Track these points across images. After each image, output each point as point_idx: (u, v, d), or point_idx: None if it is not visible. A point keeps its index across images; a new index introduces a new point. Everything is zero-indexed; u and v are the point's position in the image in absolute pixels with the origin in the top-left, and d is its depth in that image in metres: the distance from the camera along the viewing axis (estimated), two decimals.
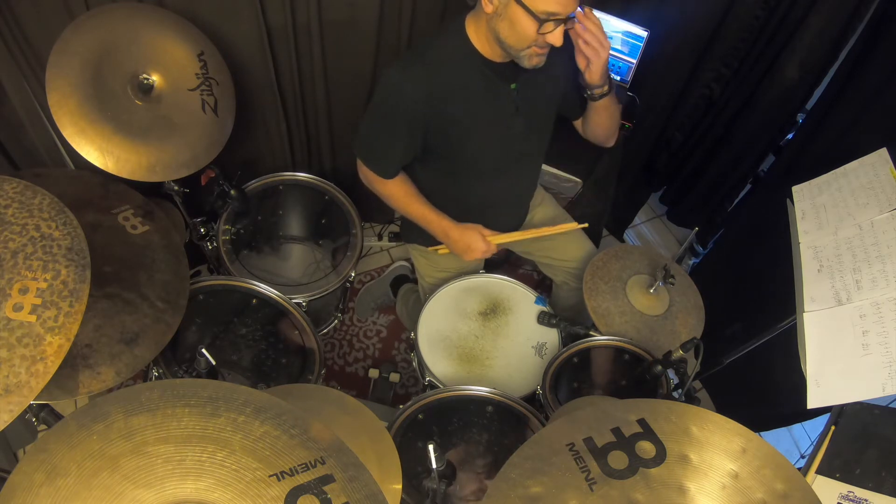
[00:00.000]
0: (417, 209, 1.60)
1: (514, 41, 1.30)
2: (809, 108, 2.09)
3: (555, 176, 2.03)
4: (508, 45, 1.32)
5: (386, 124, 1.46)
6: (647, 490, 0.84)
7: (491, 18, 1.30)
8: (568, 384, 1.56)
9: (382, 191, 1.59)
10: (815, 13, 1.84)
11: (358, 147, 1.54)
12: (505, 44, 1.32)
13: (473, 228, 1.62)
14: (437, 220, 1.60)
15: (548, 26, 1.25)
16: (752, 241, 2.15)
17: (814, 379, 1.30)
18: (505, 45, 1.32)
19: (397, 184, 1.57)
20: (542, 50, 1.31)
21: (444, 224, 1.60)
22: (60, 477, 0.73)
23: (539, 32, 1.25)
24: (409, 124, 1.42)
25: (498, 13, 1.28)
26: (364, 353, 2.29)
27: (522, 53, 1.31)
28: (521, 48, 1.31)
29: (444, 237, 1.63)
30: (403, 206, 1.61)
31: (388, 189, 1.58)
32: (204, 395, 0.83)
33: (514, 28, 1.27)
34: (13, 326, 0.91)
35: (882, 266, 1.32)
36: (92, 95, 1.41)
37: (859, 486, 1.22)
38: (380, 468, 1.22)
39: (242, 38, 1.71)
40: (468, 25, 1.38)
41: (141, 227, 1.37)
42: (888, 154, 1.50)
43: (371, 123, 1.49)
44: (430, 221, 1.61)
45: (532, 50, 1.30)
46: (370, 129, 1.50)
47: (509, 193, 1.69)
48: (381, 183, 1.56)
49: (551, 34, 1.26)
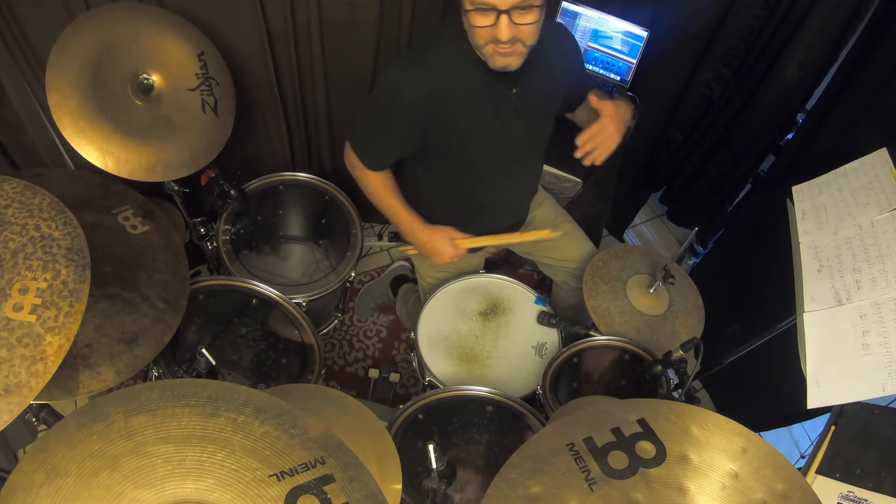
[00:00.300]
0: (391, 203, 1.59)
1: (471, 38, 1.30)
2: (809, 108, 2.09)
3: (555, 176, 2.03)
4: (474, 46, 1.32)
5: (381, 121, 1.46)
6: (647, 490, 0.84)
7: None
8: (568, 384, 1.56)
9: (362, 177, 1.57)
10: (815, 13, 1.84)
11: (350, 133, 1.54)
12: (473, 45, 1.32)
13: (443, 232, 1.60)
14: (407, 220, 1.59)
15: (482, 18, 1.22)
16: (752, 241, 2.15)
17: (814, 379, 1.30)
18: (474, 47, 1.33)
19: (379, 175, 1.56)
20: (503, 49, 1.27)
21: (414, 225, 1.59)
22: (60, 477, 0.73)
23: (472, 24, 1.24)
24: (405, 124, 1.42)
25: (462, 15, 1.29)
26: (364, 353, 2.29)
27: (484, 51, 1.30)
28: (478, 45, 1.29)
29: (413, 238, 1.62)
30: (378, 198, 1.59)
31: (369, 178, 1.56)
32: (204, 395, 0.83)
33: (465, 24, 1.28)
34: (13, 326, 0.91)
35: (882, 266, 1.32)
36: (92, 95, 1.41)
37: (859, 486, 1.22)
38: (380, 468, 1.22)
39: (242, 38, 1.71)
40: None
41: (141, 227, 1.37)
42: (888, 154, 1.50)
43: (367, 117, 1.49)
44: (402, 219, 1.60)
45: (490, 48, 1.28)
46: (365, 121, 1.50)
47: (509, 194, 1.68)
48: (362, 170, 1.55)
49: (496, 27, 1.21)
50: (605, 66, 2.08)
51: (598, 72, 2.09)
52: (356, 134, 1.53)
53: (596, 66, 2.09)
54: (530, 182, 1.74)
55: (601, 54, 2.07)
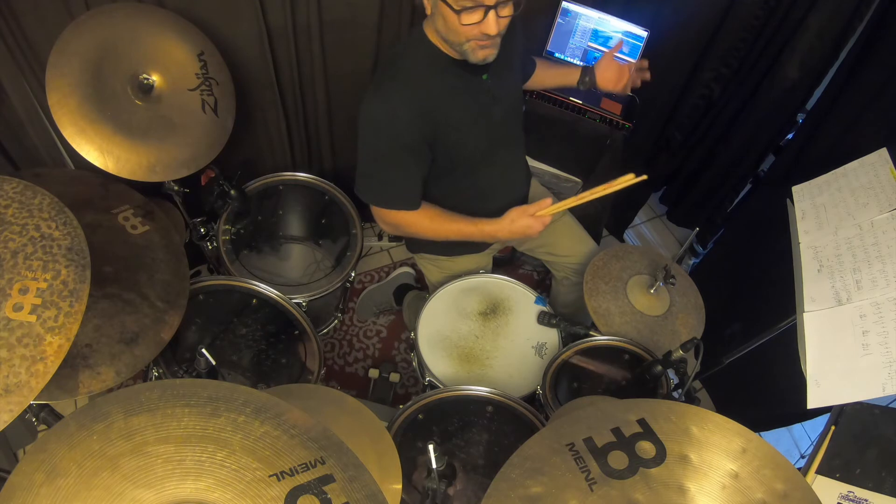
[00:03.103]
0: (453, 228, 1.55)
1: (451, 37, 1.31)
2: (809, 108, 2.09)
3: (555, 176, 2.03)
4: (451, 43, 1.34)
5: (391, 158, 1.42)
6: (647, 490, 0.84)
7: (432, 19, 1.33)
8: (568, 384, 1.56)
9: (412, 224, 1.52)
10: (815, 13, 1.84)
11: (369, 194, 1.48)
12: (448, 41, 1.33)
13: (517, 214, 1.52)
14: (478, 231, 1.55)
15: (471, 16, 1.23)
16: (752, 241, 2.15)
17: (814, 379, 1.30)
18: (449, 43, 1.34)
19: (424, 213, 1.52)
20: (485, 42, 1.29)
21: (489, 229, 1.54)
22: (60, 477, 0.73)
23: (462, 23, 1.25)
24: (412, 147, 1.40)
25: (433, 13, 1.30)
26: (364, 353, 2.29)
27: (464, 48, 1.31)
28: (459, 42, 1.31)
29: (497, 238, 1.58)
30: (439, 232, 1.55)
31: (418, 221, 1.52)
32: (204, 395, 0.83)
33: (447, 23, 1.28)
34: (13, 326, 0.91)
35: (882, 266, 1.32)
36: (92, 95, 1.41)
37: (859, 486, 1.22)
38: (380, 468, 1.22)
39: (242, 38, 1.71)
40: (428, 32, 1.39)
41: (141, 227, 1.37)
42: (888, 154, 1.50)
43: (374, 164, 1.44)
44: (475, 233, 1.56)
45: (472, 44, 1.30)
46: (375, 169, 1.45)
47: (503, 179, 1.69)
48: (407, 223, 1.51)
49: (484, 23, 1.24)
50: None
51: None
52: (374, 192, 1.48)
53: None
54: (521, 159, 1.76)
55: (601, 54, 2.06)
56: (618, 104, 2.00)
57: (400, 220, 1.52)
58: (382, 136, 1.39)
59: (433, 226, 1.54)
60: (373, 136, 1.40)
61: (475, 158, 1.55)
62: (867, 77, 1.71)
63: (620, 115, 1.97)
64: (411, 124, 1.36)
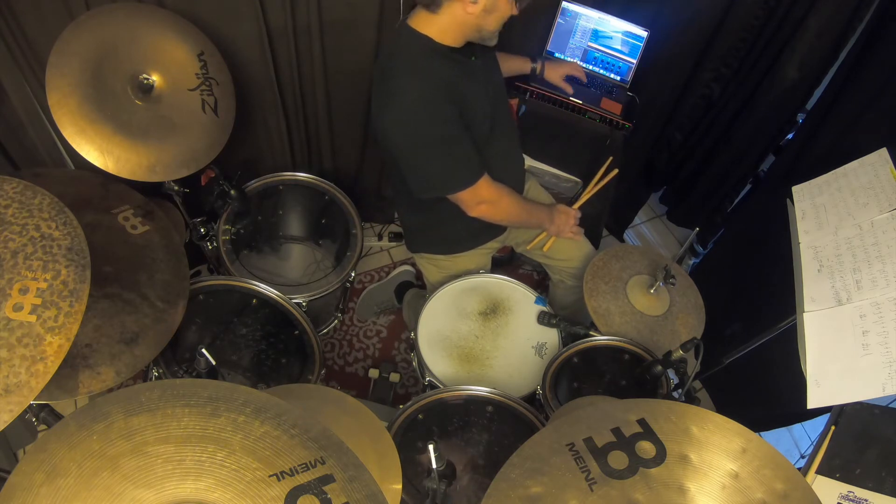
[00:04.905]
0: (527, 205, 1.70)
1: (496, 26, 1.42)
2: (809, 108, 2.09)
3: (555, 176, 2.03)
4: (490, 31, 1.42)
5: (446, 136, 1.42)
6: (647, 490, 0.84)
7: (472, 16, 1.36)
8: (568, 384, 1.56)
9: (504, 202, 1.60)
10: (815, 14, 1.84)
11: (442, 184, 1.49)
12: (486, 31, 1.42)
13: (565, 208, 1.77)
14: (537, 213, 1.73)
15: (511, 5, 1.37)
16: (752, 241, 2.15)
17: (814, 379, 1.30)
18: (484, 33, 1.42)
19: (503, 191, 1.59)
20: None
21: (543, 215, 1.74)
22: (60, 477, 0.73)
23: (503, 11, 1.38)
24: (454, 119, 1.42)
25: (487, 9, 1.35)
26: (364, 353, 2.29)
27: (493, 32, 1.43)
28: (497, 29, 1.43)
29: (541, 227, 1.78)
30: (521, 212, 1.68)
31: (501, 195, 1.58)
32: (204, 395, 0.83)
33: (498, 13, 1.38)
34: (13, 326, 0.91)
35: (882, 266, 1.32)
36: (92, 95, 1.41)
37: (859, 486, 1.22)
38: (380, 468, 1.22)
39: (242, 38, 1.71)
40: (420, 26, 1.40)
41: (141, 227, 1.37)
42: (888, 154, 1.50)
43: (436, 149, 1.43)
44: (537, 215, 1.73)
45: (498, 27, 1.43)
46: (440, 154, 1.44)
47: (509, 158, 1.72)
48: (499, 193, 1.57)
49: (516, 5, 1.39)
50: (605, 67, 2.08)
51: (599, 72, 2.09)
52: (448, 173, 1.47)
53: (596, 66, 2.09)
54: (516, 141, 1.77)
55: (601, 54, 2.07)
56: (618, 104, 2.00)
57: (492, 192, 1.55)
58: (424, 124, 1.40)
59: (517, 203, 1.66)
60: (414, 131, 1.41)
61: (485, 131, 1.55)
62: (867, 77, 1.71)
63: (620, 115, 1.97)
64: (443, 101, 1.39)
